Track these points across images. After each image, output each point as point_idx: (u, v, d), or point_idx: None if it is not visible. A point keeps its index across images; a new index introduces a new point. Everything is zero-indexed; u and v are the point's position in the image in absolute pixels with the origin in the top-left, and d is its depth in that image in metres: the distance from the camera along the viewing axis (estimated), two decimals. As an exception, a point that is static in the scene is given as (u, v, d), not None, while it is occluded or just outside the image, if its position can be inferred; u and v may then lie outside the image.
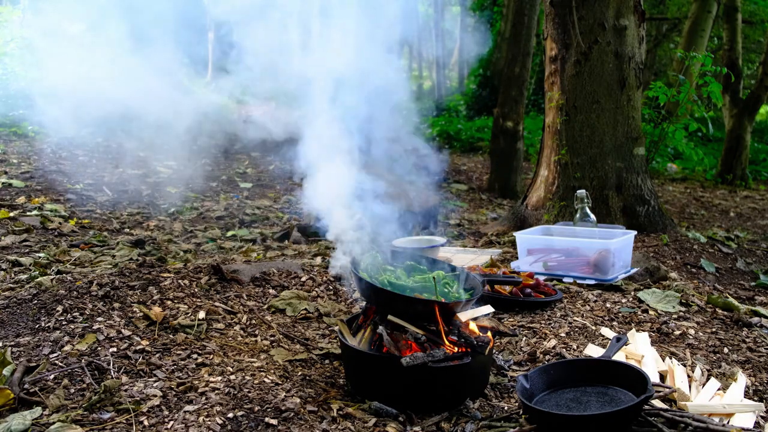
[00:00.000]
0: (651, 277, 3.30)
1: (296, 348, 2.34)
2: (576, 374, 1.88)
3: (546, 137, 4.79)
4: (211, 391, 1.85)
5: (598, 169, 4.49)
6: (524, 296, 2.81)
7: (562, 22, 4.53)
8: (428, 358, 1.84)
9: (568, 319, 2.60)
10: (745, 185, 10.43)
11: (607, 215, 4.43)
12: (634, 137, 4.53)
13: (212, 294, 2.65)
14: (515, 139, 8.45)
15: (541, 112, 12.68)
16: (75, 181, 5.90)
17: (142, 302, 2.42)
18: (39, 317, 2.24)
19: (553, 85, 4.66)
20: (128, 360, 2.00)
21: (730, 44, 10.35)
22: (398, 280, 2.10)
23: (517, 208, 4.96)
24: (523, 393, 1.76)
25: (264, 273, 2.98)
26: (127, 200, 5.54)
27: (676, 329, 2.50)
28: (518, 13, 8.38)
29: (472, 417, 1.85)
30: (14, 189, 5.24)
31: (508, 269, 3.27)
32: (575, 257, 3.26)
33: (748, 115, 10.54)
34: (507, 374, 2.16)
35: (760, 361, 2.26)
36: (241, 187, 7.13)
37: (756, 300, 3.35)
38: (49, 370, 1.89)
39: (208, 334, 2.30)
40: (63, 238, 3.99)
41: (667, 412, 1.69)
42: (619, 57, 4.44)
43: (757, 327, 2.60)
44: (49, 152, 7.44)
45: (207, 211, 5.44)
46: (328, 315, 2.72)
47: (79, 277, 2.70)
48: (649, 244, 4.15)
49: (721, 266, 4.10)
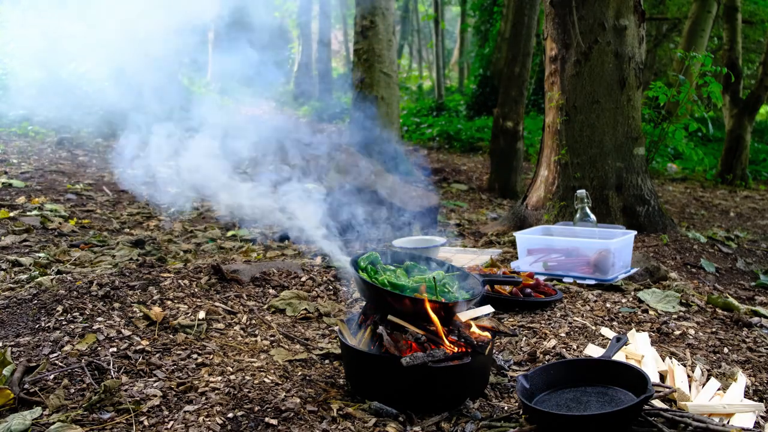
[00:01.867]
0: (651, 277, 3.30)
1: (296, 348, 2.34)
2: (576, 374, 1.88)
3: (546, 137, 4.79)
4: (211, 391, 1.85)
5: (598, 169, 4.49)
6: (524, 296, 2.81)
7: (562, 22, 4.53)
8: (428, 358, 1.84)
9: (568, 319, 2.60)
10: (745, 185, 10.43)
11: (607, 215, 4.43)
12: (634, 137, 4.53)
13: (212, 294, 2.65)
14: (515, 139, 8.45)
15: (541, 112, 12.68)
16: (75, 181, 5.90)
17: (142, 302, 2.42)
18: (39, 317, 2.24)
19: (553, 85, 4.66)
20: (128, 360, 2.00)
21: (730, 44, 10.35)
22: (398, 280, 2.10)
23: (517, 208, 4.96)
24: (523, 393, 1.76)
25: (264, 273, 2.98)
26: (127, 200, 5.54)
27: (676, 329, 2.50)
28: (518, 13, 8.37)
29: (472, 417, 1.85)
30: (14, 189, 5.24)
31: (508, 269, 3.27)
32: (575, 257, 3.26)
33: (748, 115, 10.54)
34: (507, 374, 2.16)
35: (760, 361, 2.26)
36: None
37: (756, 300, 3.35)
38: (49, 370, 1.89)
39: (208, 334, 2.30)
40: (63, 238, 3.99)
41: (667, 412, 1.69)
42: (619, 57, 4.44)
43: (757, 327, 2.60)
44: (49, 152, 7.44)
45: (207, 211, 5.44)
46: (328, 315, 2.72)
47: (79, 277, 2.70)
48: (649, 244, 4.16)
49: (721, 266, 4.10)
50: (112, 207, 5.20)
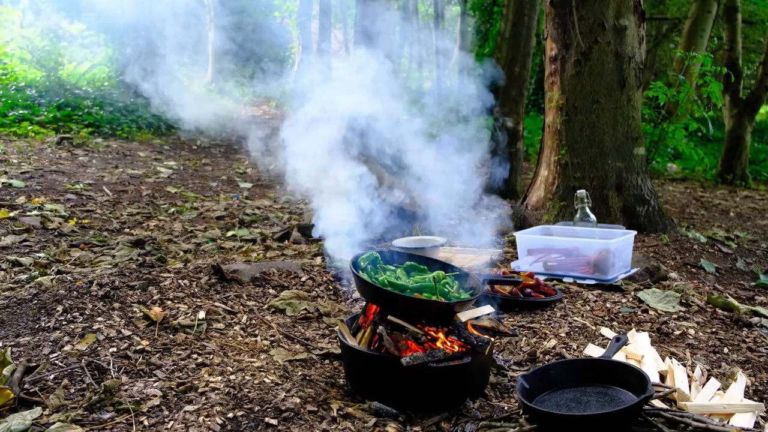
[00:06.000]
0: (651, 277, 3.30)
1: (296, 348, 2.34)
2: (576, 374, 1.88)
3: (546, 137, 4.79)
4: (211, 391, 1.85)
5: (598, 169, 4.49)
6: (524, 296, 2.81)
7: (562, 22, 4.53)
8: (428, 358, 1.84)
9: (568, 319, 2.60)
10: (745, 185, 10.43)
11: (607, 215, 4.43)
12: (634, 137, 4.53)
13: (212, 294, 2.65)
14: (515, 139, 8.45)
15: (541, 112, 12.67)
16: (75, 181, 5.90)
17: (142, 302, 2.42)
18: (39, 317, 2.24)
19: (553, 85, 4.66)
20: (128, 360, 2.00)
21: (730, 44, 10.35)
22: (398, 280, 2.10)
23: (517, 208, 4.96)
24: (523, 393, 1.76)
25: (264, 273, 2.98)
26: (127, 200, 5.54)
27: (676, 329, 2.50)
28: (518, 13, 8.37)
29: (472, 417, 1.85)
30: (14, 189, 5.24)
31: (508, 269, 3.27)
32: (575, 257, 3.26)
33: (748, 115, 10.54)
34: (507, 374, 2.16)
35: (760, 361, 2.26)
36: (241, 187, 7.13)
37: (756, 300, 3.35)
38: (49, 370, 1.89)
39: (208, 334, 2.30)
40: (63, 238, 3.99)
41: (667, 412, 1.69)
42: (619, 57, 4.44)
43: (757, 327, 2.60)
44: (49, 152, 7.44)
45: (207, 211, 5.44)
46: (328, 315, 2.72)
47: (79, 277, 2.70)
48: (649, 244, 4.15)
49: (721, 266, 4.10)
50: (112, 207, 5.20)
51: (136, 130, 10.25)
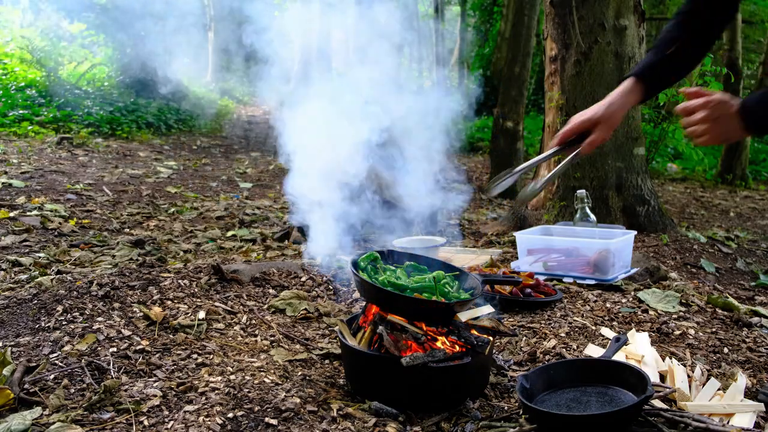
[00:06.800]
0: (651, 277, 3.30)
1: (296, 348, 2.34)
2: (576, 374, 1.88)
3: (546, 137, 4.79)
4: (211, 391, 1.84)
5: (598, 169, 4.49)
6: (524, 296, 2.81)
7: (562, 22, 4.53)
8: (428, 358, 1.84)
9: (568, 319, 2.60)
10: (745, 185, 10.43)
11: (607, 215, 4.44)
12: (634, 137, 4.53)
13: (212, 294, 2.65)
14: (515, 139, 8.46)
15: (541, 112, 12.67)
16: (75, 181, 5.90)
17: (142, 302, 2.42)
18: (39, 317, 2.24)
19: (553, 85, 4.66)
20: (128, 360, 2.00)
21: (730, 44, 10.35)
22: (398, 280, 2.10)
23: (517, 208, 4.96)
24: (523, 393, 1.76)
25: (264, 273, 2.98)
26: (127, 200, 5.54)
27: (676, 329, 2.50)
28: (518, 13, 8.38)
29: (472, 417, 1.85)
30: (14, 189, 5.24)
31: (508, 269, 3.27)
32: (575, 257, 3.26)
33: (748, 115, 10.52)
34: (507, 374, 2.16)
35: (760, 361, 2.26)
36: (241, 187, 7.13)
37: (756, 300, 3.35)
38: (49, 370, 1.89)
39: (208, 334, 2.30)
40: (63, 238, 3.99)
41: (667, 412, 1.69)
42: (619, 57, 4.44)
43: (757, 327, 2.60)
44: (49, 152, 7.45)
45: (207, 211, 5.44)
46: (328, 315, 2.72)
47: (79, 277, 2.70)
48: (649, 244, 4.15)
49: (721, 266, 4.10)
50: (112, 207, 5.20)
51: (136, 130, 10.26)
